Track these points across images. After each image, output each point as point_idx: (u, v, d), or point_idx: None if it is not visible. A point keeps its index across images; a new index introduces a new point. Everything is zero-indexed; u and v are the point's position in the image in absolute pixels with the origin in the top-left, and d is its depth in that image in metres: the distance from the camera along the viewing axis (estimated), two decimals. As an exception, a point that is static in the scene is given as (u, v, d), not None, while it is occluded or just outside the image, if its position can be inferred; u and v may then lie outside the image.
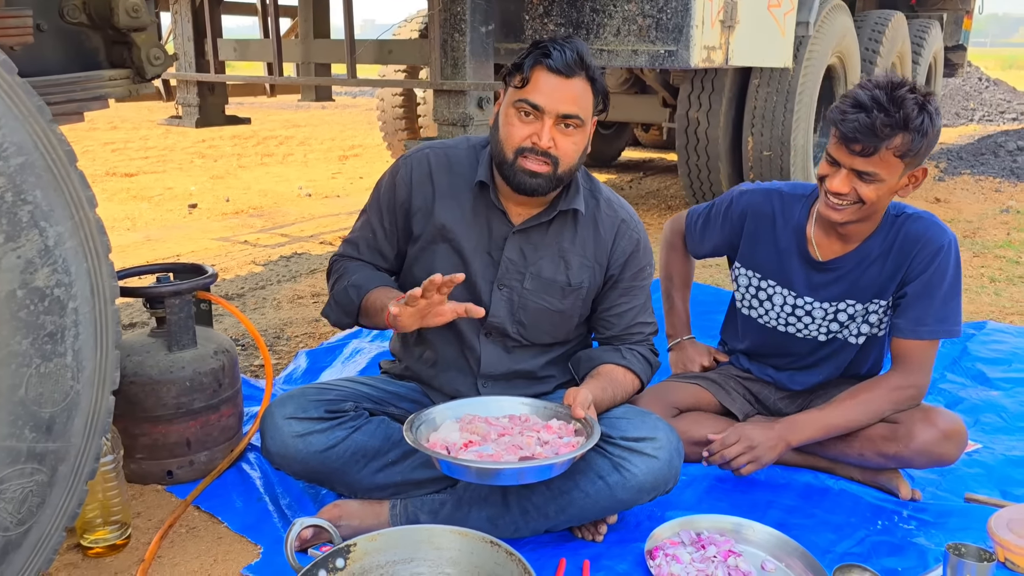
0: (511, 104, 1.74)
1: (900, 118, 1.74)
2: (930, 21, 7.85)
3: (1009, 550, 1.76)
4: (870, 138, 1.76)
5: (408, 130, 6.71)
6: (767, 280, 2.13)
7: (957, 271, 1.94)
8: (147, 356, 2.03)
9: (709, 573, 1.70)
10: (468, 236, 1.85)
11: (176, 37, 4.34)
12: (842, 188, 1.84)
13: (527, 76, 1.70)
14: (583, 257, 1.88)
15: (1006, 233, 5.38)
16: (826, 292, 2.06)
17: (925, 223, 1.96)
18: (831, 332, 2.10)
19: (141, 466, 2.07)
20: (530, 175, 1.72)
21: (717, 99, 5.20)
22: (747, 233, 2.14)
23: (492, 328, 1.88)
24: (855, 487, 2.09)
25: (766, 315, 2.17)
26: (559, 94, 1.69)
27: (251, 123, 4.96)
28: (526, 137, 1.72)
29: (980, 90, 15.97)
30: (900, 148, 1.78)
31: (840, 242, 2.01)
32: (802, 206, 2.07)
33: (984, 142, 8.88)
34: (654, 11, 3.24)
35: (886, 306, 2.03)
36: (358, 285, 1.84)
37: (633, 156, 9.13)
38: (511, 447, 1.65)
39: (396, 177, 1.90)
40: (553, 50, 1.69)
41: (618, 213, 1.91)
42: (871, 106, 1.75)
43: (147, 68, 1.95)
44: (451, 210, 1.85)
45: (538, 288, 1.86)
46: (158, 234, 5.21)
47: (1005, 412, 2.56)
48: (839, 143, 1.82)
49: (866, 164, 1.80)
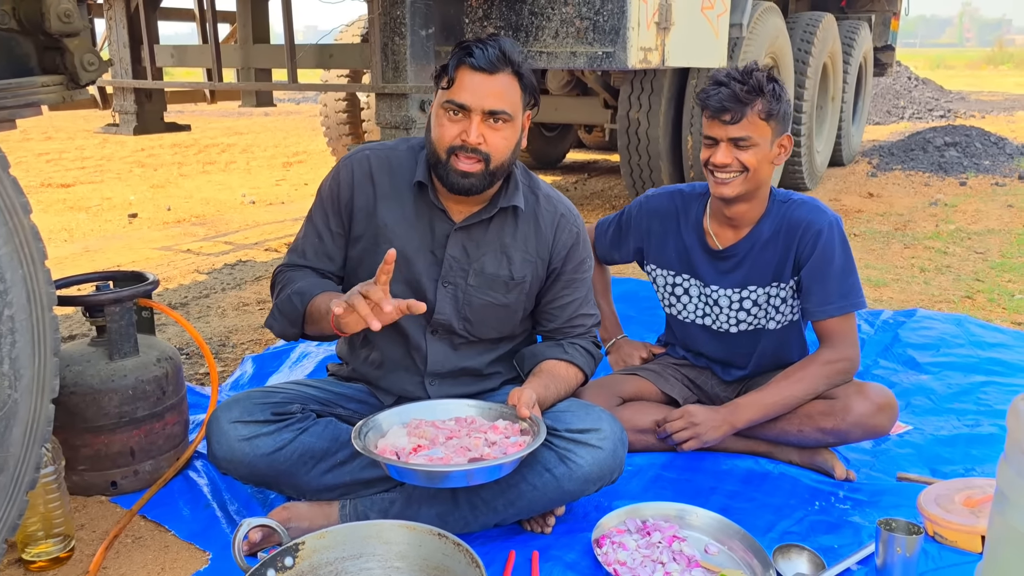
0: (440, 105, 1.76)
1: (755, 83, 1.98)
2: (859, 22, 8.11)
3: (937, 524, 1.84)
4: (735, 103, 1.98)
5: (352, 135, 6.68)
6: (680, 275, 2.26)
7: (845, 248, 2.09)
8: (87, 365, 2.00)
9: (654, 558, 1.74)
10: (410, 236, 1.86)
11: (111, 43, 4.26)
12: (725, 159, 2.01)
13: (452, 76, 1.73)
14: (525, 252, 1.91)
15: (935, 225, 5.59)
16: (729, 279, 2.19)
17: (807, 207, 2.11)
18: (740, 321, 2.21)
19: (84, 478, 2.04)
20: (462, 175, 1.75)
21: (656, 100, 5.30)
22: (655, 233, 2.28)
23: (438, 325, 1.90)
24: (794, 470, 2.17)
25: (684, 310, 2.29)
26: (483, 90, 1.72)
27: (191, 130, 4.89)
28: (455, 136, 1.74)
29: (910, 89, 16.52)
30: (763, 110, 1.99)
31: (732, 230, 2.17)
32: (699, 203, 2.23)
33: (914, 139, 9.18)
34: (591, 13, 3.30)
35: (790, 290, 2.15)
36: (302, 292, 1.82)
37: (577, 158, 9.23)
38: (459, 449, 1.68)
39: (338, 178, 1.90)
40: (475, 48, 1.72)
41: (557, 208, 1.95)
42: (728, 80, 2.00)
43: (81, 74, 1.93)
44: (392, 210, 1.87)
45: (482, 284, 1.88)
46: (97, 245, 5.10)
47: (934, 395, 2.67)
48: (711, 119, 2.03)
49: (738, 130, 2.00)
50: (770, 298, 2.17)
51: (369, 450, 1.64)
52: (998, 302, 3.82)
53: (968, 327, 3.26)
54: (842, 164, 8.29)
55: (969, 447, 2.31)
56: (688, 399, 2.30)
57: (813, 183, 7.00)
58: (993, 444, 2.31)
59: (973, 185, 7.26)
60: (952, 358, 2.96)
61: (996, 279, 4.22)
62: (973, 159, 8.32)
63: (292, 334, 1.86)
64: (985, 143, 8.85)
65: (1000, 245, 4.99)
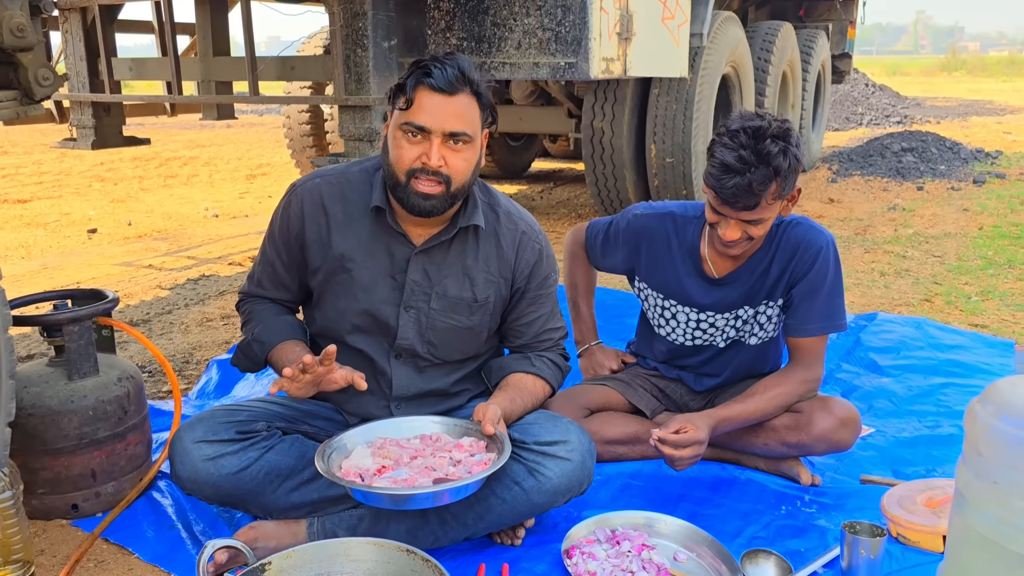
0: (397, 127, 1.72)
1: (771, 171, 1.83)
2: (817, 31, 8.27)
3: (900, 525, 1.87)
4: (749, 197, 1.85)
5: (316, 147, 6.65)
6: (669, 300, 2.22)
7: (837, 269, 2.07)
8: (45, 387, 1.96)
9: (624, 567, 1.74)
10: (369, 263, 1.83)
11: (67, 57, 4.20)
12: (734, 236, 1.94)
13: (411, 97, 1.69)
14: (487, 272, 1.88)
15: (894, 229, 5.70)
16: (723, 303, 2.16)
17: (804, 228, 2.08)
18: (730, 338, 2.21)
19: (43, 501, 1.99)
20: (423, 197, 1.72)
21: (620, 109, 5.35)
22: (644, 255, 2.22)
23: (402, 350, 1.88)
24: (760, 476, 2.19)
25: (673, 333, 2.25)
26: (443, 112, 1.68)
27: (152, 144, 4.83)
28: (415, 159, 1.70)
29: (867, 95, 16.86)
30: (776, 192, 1.88)
31: (732, 259, 2.11)
32: (694, 227, 2.16)
33: (872, 144, 9.37)
34: (553, 24, 3.32)
35: (777, 307, 2.14)
36: (262, 341, 1.86)
37: (543, 167, 9.27)
38: (424, 469, 1.67)
39: (288, 210, 1.87)
40: (434, 68, 1.68)
41: (518, 225, 1.92)
42: (742, 168, 1.82)
43: (35, 89, 1.90)
44: (348, 239, 1.83)
45: (445, 307, 1.86)
46: (55, 262, 5.00)
47: (895, 397, 2.72)
48: (722, 204, 1.90)
49: (751, 215, 1.90)
50: (757, 315, 2.16)
51: (333, 473, 1.62)
52: (956, 304, 3.90)
53: (927, 330, 3.33)
54: (803, 170, 8.43)
55: (930, 448, 2.35)
56: (656, 410, 2.30)
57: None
58: (953, 445, 2.35)
59: (930, 190, 7.41)
60: (912, 360, 3.02)
61: (953, 282, 4.32)
62: (929, 164, 8.51)
63: (257, 370, 1.93)
64: (941, 148, 9.06)
65: (957, 248, 5.10)
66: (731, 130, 1.89)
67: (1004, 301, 3.94)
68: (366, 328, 1.86)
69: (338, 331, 1.88)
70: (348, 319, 1.86)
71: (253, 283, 1.97)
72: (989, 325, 3.56)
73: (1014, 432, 1.16)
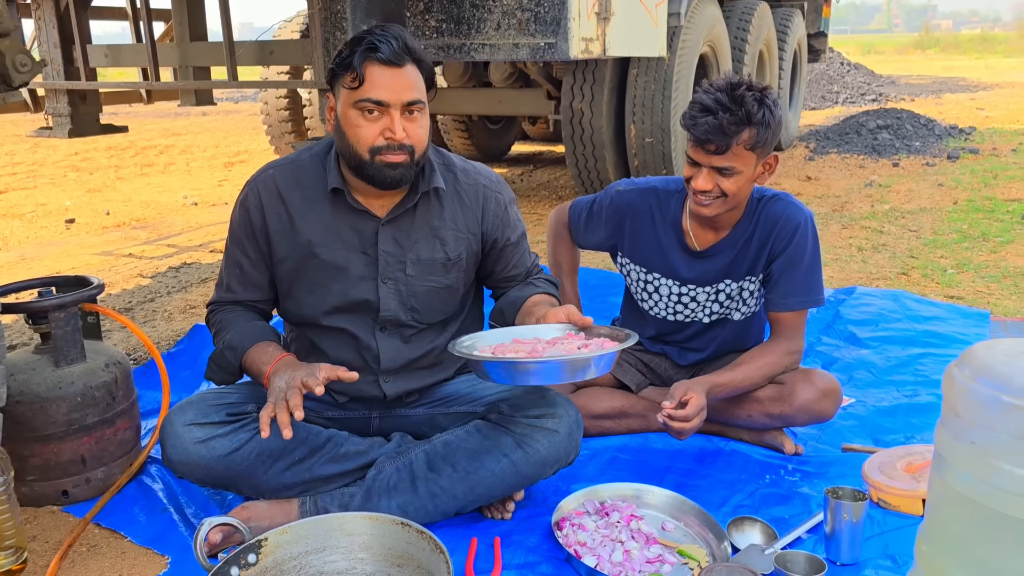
0: (351, 105, 1.70)
1: (743, 115, 1.89)
2: (792, 10, 8.30)
3: (881, 490, 1.92)
4: (721, 137, 1.90)
5: (295, 132, 6.61)
6: (652, 273, 2.25)
7: (816, 245, 2.12)
8: (33, 373, 1.96)
9: (613, 538, 1.78)
10: (337, 244, 1.83)
11: (41, 44, 4.14)
12: (706, 185, 1.97)
13: (360, 74, 1.67)
14: (456, 230, 1.90)
15: (870, 205, 5.76)
16: (706, 277, 2.19)
17: (783, 204, 2.12)
18: (714, 313, 2.24)
19: (34, 488, 2.00)
20: (391, 167, 1.72)
21: (599, 90, 5.36)
22: (628, 231, 2.25)
23: (386, 322, 1.88)
24: (745, 447, 2.23)
25: (655, 306, 2.28)
26: (398, 84, 1.68)
27: (128, 133, 4.79)
28: (377, 135, 1.70)
29: (843, 74, 16.95)
30: (749, 141, 1.92)
31: (713, 231, 2.15)
32: (676, 201, 2.20)
33: (848, 122, 9.44)
34: (532, 5, 3.32)
35: (758, 282, 2.18)
36: (233, 347, 1.82)
37: (523, 150, 9.26)
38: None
39: (246, 204, 1.86)
40: (379, 43, 1.67)
41: (478, 180, 1.94)
42: (716, 108, 1.90)
43: (13, 75, 1.89)
44: (312, 224, 1.82)
45: (421, 271, 1.87)
46: (34, 252, 4.96)
47: (874, 368, 2.77)
48: (695, 146, 1.96)
49: (722, 160, 1.94)
50: (742, 291, 2.19)
51: (470, 353, 1.66)
52: (932, 277, 3.96)
53: (904, 302, 3.38)
54: (781, 149, 8.48)
55: (909, 416, 2.40)
56: (641, 384, 2.34)
57: (753, 168, 7.15)
58: (931, 412, 2.40)
59: (905, 166, 7.49)
60: (890, 332, 3.07)
61: (929, 255, 4.38)
62: (905, 141, 8.59)
63: (233, 380, 1.88)
64: (915, 125, 9.14)
65: (932, 223, 5.17)
66: (712, 82, 1.99)
67: (979, 273, 4.01)
68: (346, 308, 1.86)
69: (315, 317, 1.88)
70: (327, 302, 1.85)
71: (222, 290, 1.94)
72: (964, 296, 3.63)
73: (990, 393, 1.20)
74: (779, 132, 1.99)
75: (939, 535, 1.32)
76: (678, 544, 1.77)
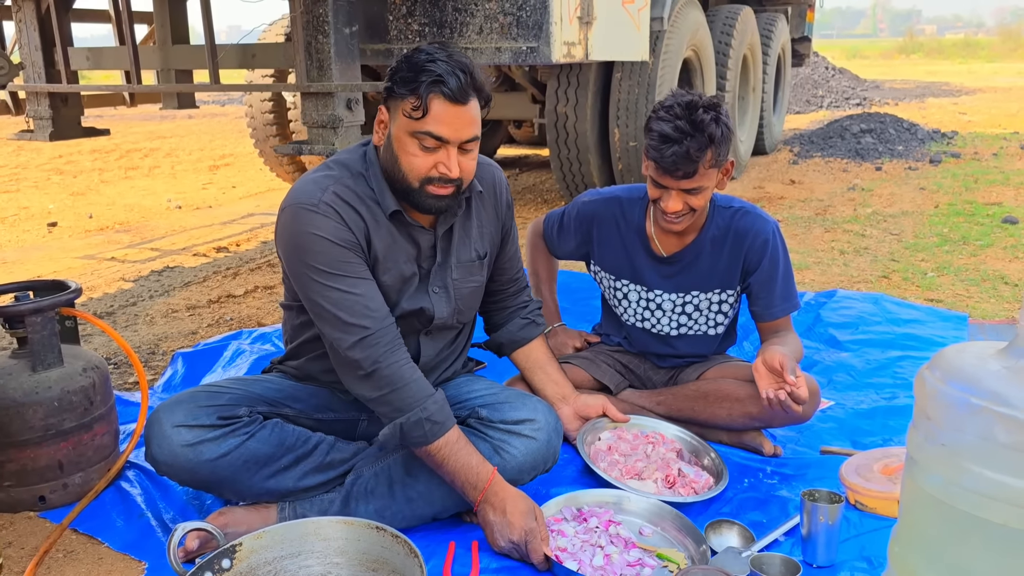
0: (409, 133, 1.67)
1: (705, 139, 1.95)
2: (776, 15, 8.35)
3: (858, 492, 1.93)
4: (688, 164, 1.96)
5: (279, 135, 6.58)
6: (621, 280, 2.31)
7: (786, 253, 2.21)
8: (9, 379, 1.94)
9: (593, 543, 1.79)
10: (403, 259, 1.81)
11: (21, 47, 4.12)
12: (676, 207, 2.03)
13: (425, 106, 1.63)
14: (481, 227, 1.94)
15: (853, 209, 5.80)
16: (673, 283, 2.25)
17: (752, 217, 2.18)
18: (681, 325, 2.28)
19: (10, 494, 1.98)
20: (437, 199, 1.72)
21: (583, 93, 5.37)
22: (596, 239, 2.32)
23: (435, 327, 1.90)
24: (724, 449, 2.24)
25: (624, 313, 2.35)
26: (460, 122, 1.66)
27: (112, 136, 4.76)
28: (431, 167, 1.68)
29: (827, 78, 17.06)
30: (712, 160, 1.99)
31: (677, 237, 2.22)
32: (639, 208, 2.27)
33: (832, 126, 9.50)
34: (514, 9, 3.33)
35: (736, 294, 2.25)
36: (435, 422, 1.69)
37: (508, 153, 9.27)
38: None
39: (328, 221, 1.69)
40: (449, 78, 1.62)
41: (491, 171, 1.99)
42: (679, 137, 1.94)
43: (-10, 78, 1.88)
44: (382, 239, 1.78)
45: (464, 274, 1.91)
46: (14, 256, 4.92)
47: (854, 371, 2.79)
48: (663, 173, 2.00)
49: (690, 183, 2.00)
50: (712, 304, 2.25)
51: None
52: (912, 280, 3.99)
53: (885, 305, 3.41)
54: (765, 153, 8.53)
55: (887, 419, 2.42)
56: (620, 385, 2.35)
57: (738, 172, 7.19)
58: (909, 415, 2.35)
59: (888, 170, 7.55)
60: (870, 335, 3.09)
61: (910, 259, 4.42)
62: (888, 145, 8.66)
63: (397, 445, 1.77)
64: (899, 129, 9.22)
65: (914, 226, 5.21)
66: (665, 106, 2.01)
67: (958, 276, 4.04)
68: (400, 316, 1.82)
69: None
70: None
71: (358, 318, 1.68)
72: (944, 300, 3.66)
73: (960, 396, 1.21)
74: (732, 139, 2.06)
75: (910, 536, 1.34)
76: (657, 548, 1.78)
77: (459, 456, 1.72)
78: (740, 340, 2.54)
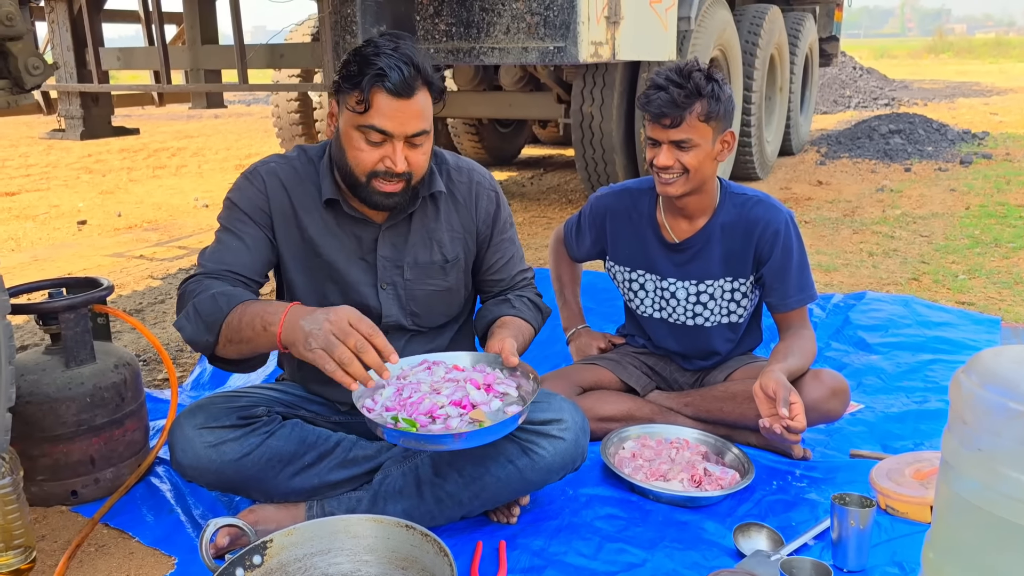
0: (354, 127, 1.67)
1: (692, 87, 2.00)
2: (804, 14, 8.27)
3: (889, 497, 1.90)
4: (674, 109, 2.01)
5: (305, 135, 6.64)
6: (636, 271, 2.31)
7: (800, 243, 2.19)
8: (43, 374, 1.97)
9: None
10: (337, 248, 1.83)
11: (54, 47, 4.18)
12: (667, 161, 2.06)
13: (367, 100, 1.63)
14: (451, 231, 1.91)
15: (882, 211, 5.73)
16: (686, 270, 2.24)
17: (764, 206, 2.17)
18: (697, 315, 2.27)
19: (43, 488, 2.01)
20: (385, 195, 1.72)
21: (609, 93, 5.35)
22: (610, 233, 2.33)
23: (388, 327, 1.87)
24: (752, 451, 2.22)
25: (641, 304, 2.34)
26: (403, 116, 1.65)
27: (140, 135, 4.82)
28: (377, 161, 1.68)
29: (855, 78, 16.89)
30: (702, 113, 2.02)
31: (687, 221, 2.22)
32: (649, 197, 2.28)
33: (860, 127, 9.40)
34: (541, 9, 3.33)
35: (750, 284, 2.23)
36: (227, 294, 1.65)
37: (533, 153, 9.27)
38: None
39: (251, 185, 1.81)
40: (391, 72, 1.60)
41: (470, 176, 1.94)
42: (667, 84, 2.02)
43: (26, 78, 1.90)
44: (315, 223, 1.82)
45: (419, 275, 1.88)
46: (46, 254, 4.99)
47: (884, 374, 2.76)
48: (652, 123, 2.06)
49: (679, 133, 2.03)
50: (724, 292, 2.23)
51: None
52: (943, 283, 3.94)
53: (915, 308, 3.36)
54: (792, 153, 8.46)
55: (918, 423, 2.39)
56: (647, 387, 2.34)
57: (764, 172, 7.13)
58: (940, 419, 2.39)
59: (917, 171, 7.45)
60: (900, 338, 3.05)
61: (941, 261, 4.36)
62: (917, 145, 8.55)
63: (204, 342, 1.66)
64: (928, 130, 9.09)
65: (944, 228, 5.14)
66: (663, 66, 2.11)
67: (990, 279, 3.98)
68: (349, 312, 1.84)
69: None
70: (329, 302, 1.84)
71: (212, 262, 1.75)
72: (975, 303, 3.60)
73: (997, 400, 1.19)
74: (731, 109, 2.09)
75: (945, 542, 1.32)
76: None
77: (255, 306, 1.61)
78: (767, 341, 2.50)
